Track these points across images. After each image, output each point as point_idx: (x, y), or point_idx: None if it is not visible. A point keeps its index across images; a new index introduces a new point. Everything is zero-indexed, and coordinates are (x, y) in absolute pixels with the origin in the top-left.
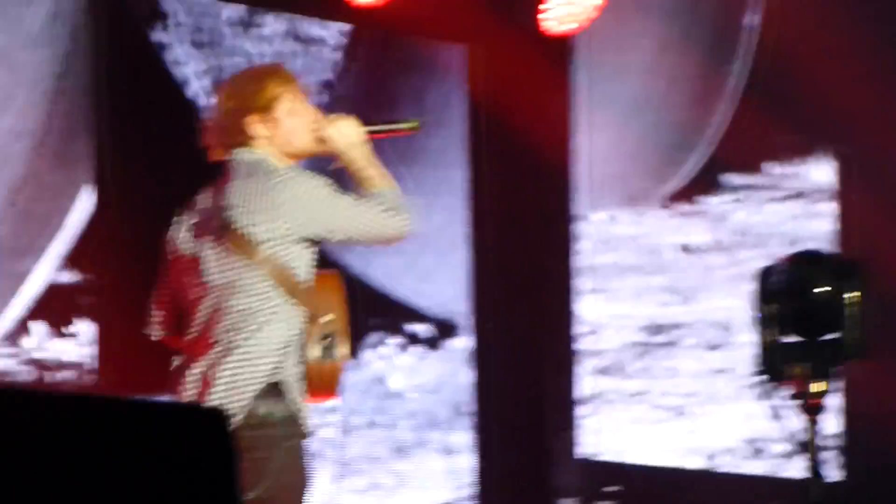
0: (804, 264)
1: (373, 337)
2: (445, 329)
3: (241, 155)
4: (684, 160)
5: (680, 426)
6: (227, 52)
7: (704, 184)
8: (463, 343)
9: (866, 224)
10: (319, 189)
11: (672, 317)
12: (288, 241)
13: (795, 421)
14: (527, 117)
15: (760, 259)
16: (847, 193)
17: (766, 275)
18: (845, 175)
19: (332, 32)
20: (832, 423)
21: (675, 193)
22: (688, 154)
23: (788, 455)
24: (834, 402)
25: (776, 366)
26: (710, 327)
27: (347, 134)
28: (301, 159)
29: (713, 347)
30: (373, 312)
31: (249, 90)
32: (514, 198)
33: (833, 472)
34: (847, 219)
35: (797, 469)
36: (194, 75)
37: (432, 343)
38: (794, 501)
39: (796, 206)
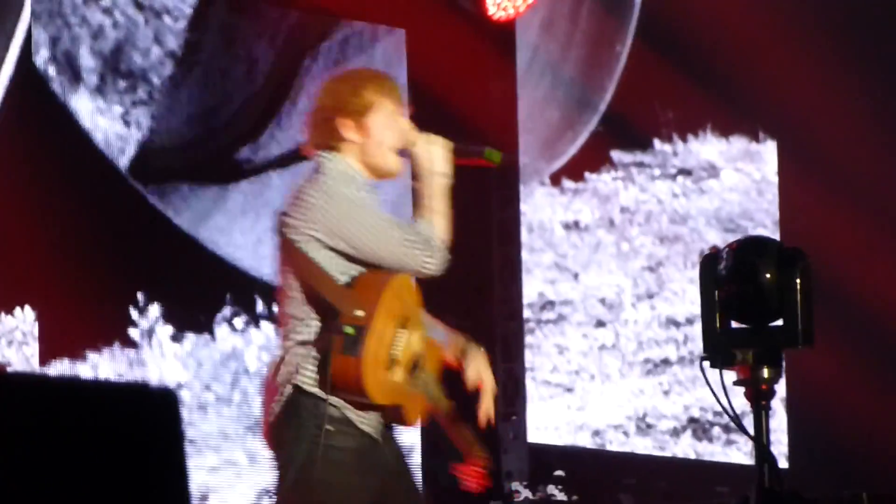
0: (749, 251)
1: (226, 311)
2: None
3: (321, 158)
4: (574, 137)
5: (568, 402)
6: (69, 23)
7: (593, 160)
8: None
9: (799, 208)
10: (354, 202)
11: (560, 293)
12: (318, 246)
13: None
14: (468, 101)
15: (648, 236)
16: (784, 178)
17: (711, 261)
18: (783, 159)
19: (178, 3)
20: (775, 409)
21: (563, 170)
22: (577, 131)
23: (676, 432)
24: (778, 390)
25: (722, 352)
26: (597, 304)
27: (436, 159)
28: (385, 177)
29: (600, 324)
30: (228, 286)
31: (346, 91)
32: (457, 188)
33: (777, 458)
34: (785, 204)
35: (684, 447)
36: (41, 45)
37: None
38: (740, 486)
39: (685, 182)
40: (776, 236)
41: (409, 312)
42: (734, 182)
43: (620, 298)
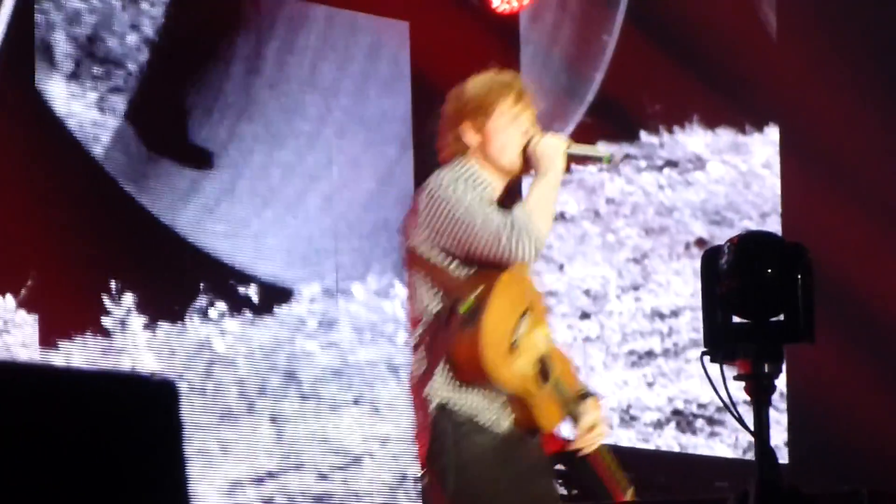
0: (751, 246)
1: (201, 300)
2: (277, 294)
3: (449, 165)
4: (561, 128)
5: None
6: (44, 8)
7: None
8: (297, 309)
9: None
10: (452, 200)
11: (545, 285)
12: (430, 246)
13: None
14: None
15: (633, 228)
16: (786, 171)
17: (713, 256)
18: (785, 152)
19: None
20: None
21: None
22: (564, 122)
23: (660, 424)
24: (779, 385)
25: (723, 347)
26: (582, 296)
27: (555, 158)
28: (512, 176)
29: (585, 316)
30: (203, 275)
31: (464, 96)
32: None
33: (778, 453)
34: (787, 198)
35: (667, 439)
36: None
37: (263, 308)
38: (740, 481)
39: (669, 175)
40: (762, 228)
41: (532, 305)
42: (720, 174)
43: (605, 290)
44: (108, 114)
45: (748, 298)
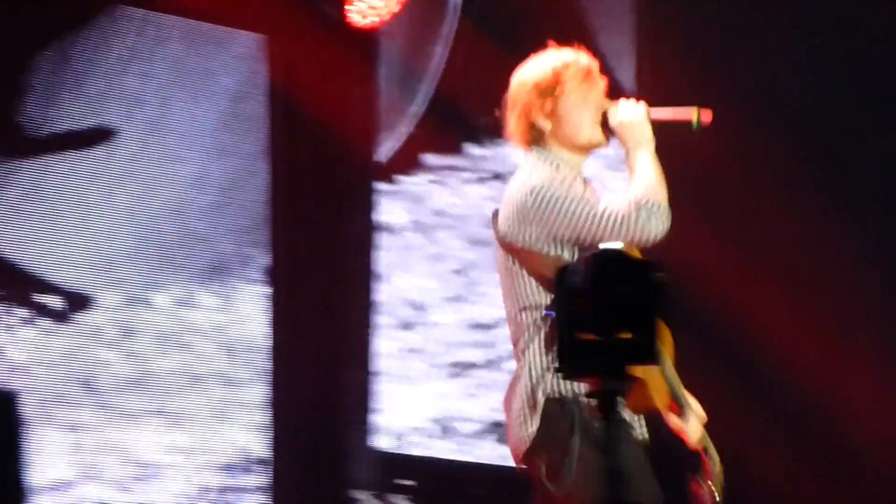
0: (603, 263)
1: None
2: (75, 302)
3: (527, 154)
4: (385, 139)
5: (372, 405)
6: None
7: (404, 163)
8: (95, 317)
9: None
10: (559, 196)
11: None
12: (542, 245)
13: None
14: (329, 106)
15: (458, 240)
16: None
17: (565, 273)
18: None
19: None
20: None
21: (374, 172)
22: (388, 133)
23: (479, 434)
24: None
25: (572, 363)
26: (404, 306)
27: (641, 123)
28: (594, 150)
29: (407, 326)
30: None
31: (531, 80)
32: (316, 193)
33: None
34: None
35: (487, 450)
36: None
37: (61, 316)
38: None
39: (495, 187)
40: None
41: None
42: None
43: (429, 301)
44: None
45: (597, 316)
